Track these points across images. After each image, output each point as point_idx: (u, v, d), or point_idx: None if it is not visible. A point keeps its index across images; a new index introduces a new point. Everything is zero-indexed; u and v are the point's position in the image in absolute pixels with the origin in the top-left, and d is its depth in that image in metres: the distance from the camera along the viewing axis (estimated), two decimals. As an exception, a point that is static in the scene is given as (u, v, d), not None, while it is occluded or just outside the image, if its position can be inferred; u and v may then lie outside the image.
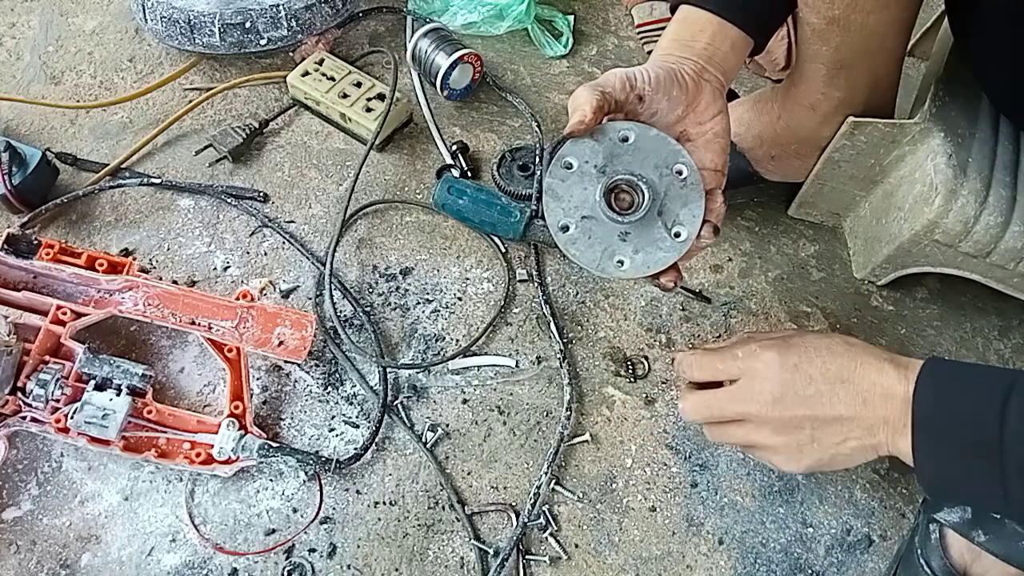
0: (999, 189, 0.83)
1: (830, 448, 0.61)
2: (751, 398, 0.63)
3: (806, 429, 0.62)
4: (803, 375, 0.61)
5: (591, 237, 0.58)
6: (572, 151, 0.58)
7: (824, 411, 0.61)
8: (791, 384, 0.62)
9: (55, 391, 0.78)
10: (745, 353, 0.65)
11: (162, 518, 0.80)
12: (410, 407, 0.88)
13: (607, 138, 0.58)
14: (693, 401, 0.69)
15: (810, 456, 0.62)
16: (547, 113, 1.13)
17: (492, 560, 0.80)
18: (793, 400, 0.61)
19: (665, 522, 0.84)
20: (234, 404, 0.82)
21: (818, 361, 0.62)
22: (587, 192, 0.57)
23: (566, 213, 0.57)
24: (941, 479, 0.57)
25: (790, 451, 0.63)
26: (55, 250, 0.86)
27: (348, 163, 1.06)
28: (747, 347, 0.65)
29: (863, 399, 0.60)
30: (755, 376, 0.63)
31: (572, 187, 0.58)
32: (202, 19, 1.03)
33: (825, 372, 0.61)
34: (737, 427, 0.66)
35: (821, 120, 0.90)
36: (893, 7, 0.79)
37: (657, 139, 0.59)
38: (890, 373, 0.59)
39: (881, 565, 0.83)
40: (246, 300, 0.87)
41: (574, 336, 0.94)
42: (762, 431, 0.64)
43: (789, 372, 0.62)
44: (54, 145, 1.04)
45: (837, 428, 0.61)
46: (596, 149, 0.58)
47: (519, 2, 1.14)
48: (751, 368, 0.64)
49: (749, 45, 0.72)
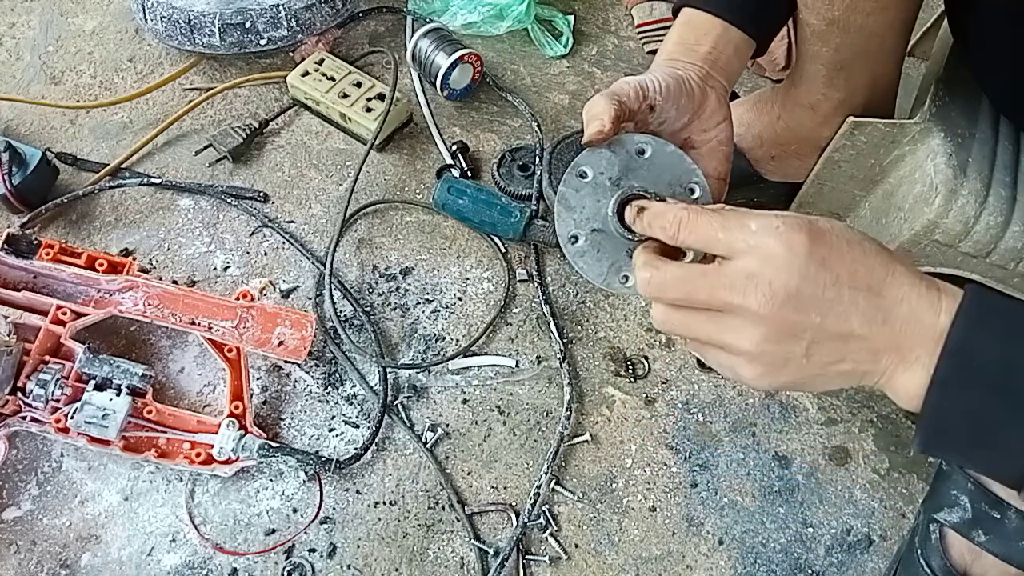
0: (999, 189, 0.83)
1: (819, 367, 0.50)
2: (752, 288, 0.48)
3: (805, 340, 0.49)
4: (830, 273, 0.48)
5: (600, 251, 0.58)
6: (588, 160, 0.57)
7: (836, 322, 0.48)
8: (813, 280, 0.48)
9: (55, 391, 0.78)
10: (761, 227, 0.49)
11: (162, 518, 0.80)
12: (410, 407, 0.88)
13: (624, 150, 0.58)
14: (666, 274, 0.52)
15: (791, 373, 0.51)
16: (547, 113, 1.13)
17: (492, 560, 0.80)
18: (808, 301, 0.48)
19: (665, 522, 0.84)
20: (234, 404, 0.82)
21: (849, 258, 0.49)
22: (600, 205, 0.57)
23: (577, 224, 0.57)
24: (952, 424, 0.47)
25: (771, 364, 0.50)
26: (55, 250, 0.86)
27: (348, 163, 1.06)
28: (766, 220, 0.49)
29: (883, 317, 0.48)
30: (769, 260, 0.48)
31: (585, 198, 0.57)
32: (202, 19, 1.03)
33: (853, 274, 0.48)
34: (712, 321, 0.51)
35: (821, 120, 0.90)
36: (892, 9, 0.79)
37: (673, 155, 0.59)
38: (923, 294, 0.48)
39: (881, 565, 0.83)
40: (246, 300, 0.87)
41: (574, 336, 0.94)
42: (748, 333, 0.49)
43: (815, 265, 0.48)
44: (54, 145, 1.04)
45: (840, 345, 0.49)
46: (612, 160, 0.57)
47: (519, 2, 1.14)
48: (766, 248, 0.48)
49: (752, 47, 0.72)
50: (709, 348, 0.53)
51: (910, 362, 0.48)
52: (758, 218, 0.49)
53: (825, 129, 0.91)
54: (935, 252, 0.89)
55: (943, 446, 0.49)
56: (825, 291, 0.48)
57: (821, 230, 0.49)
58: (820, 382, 0.51)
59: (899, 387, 0.49)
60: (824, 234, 0.49)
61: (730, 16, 0.69)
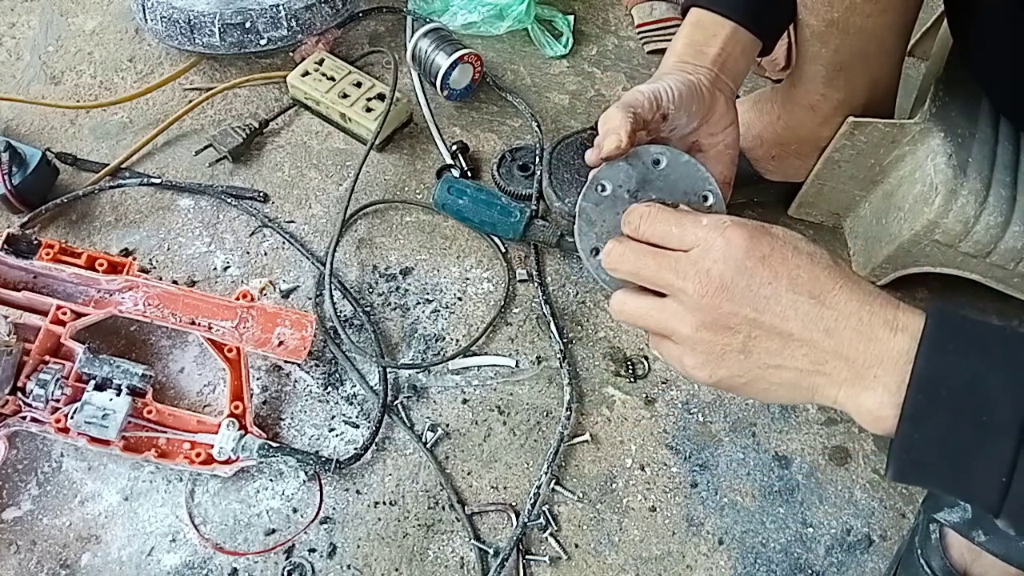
0: (999, 189, 0.83)
1: (757, 366, 0.50)
2: (692, 273, 0.51)
3: (740, 334, 0.50)
4: (768, 270, 0.49)
5: None
6: (606, 175, 0.58)
7: (772, 320, 0.49)
8: (748, 274, 0.49)
9: (55, 391, 0.78)
10: (711, 223, 0.52)
11: (162, 518, 0.80)
12: (410, 407, 0.88)
13: (640, 162, 0.58)
14: (625, 248, 0.56)
15: (729, 368, 0.51)
16: (547, 113, 1.13)
17: (492, 560, 0.80)
18: (742, 293, 0.49)
19: (665, 522, 0.84)
20: (234, 404, 0.82)
21: (793, 262, 0.50)
22: (619, 218, 0.58)
23: (599, 238, 0.58)
24: (925, 454, 0.46)
25: (709, 354, 0.51)
26: (55, 250, 0.86)
27: (348, 163, 1.06)
28: (716, 218, 0.52)
29: (827, 327, 0.48)
30: (710, 250, 0.51)
31: (605, 211, 0.58)
32: (202, 19, 1.03)
33: (794, 278, 0.49)
34: (657, 303, 0.54)
35: (821, 121, 0.90)
36: (891, 10, 0.79)
37: (688, 165, 0.60)
38: (876, 311, 0.48)
39: (881, 565, 0.83)
40: (246, 300, 0.87)
41: (574, 336, 0.94)
42: (686, 318, 0.51)
43: (753, 260, 0.49)
44: (54, 145, 1.04)
45: (778, 346, 0.49)
46: (629, 173, 0.58)
47: (519, 2, 1.14)
48: (709, 240, 0.51)
49: (758, 47, 0.72)
50: (659, 338, 0.55)
51: (868, 380, 0.47)
52: (710, 216, 0.53)
53: (825, 129, 0.91)
54: (935, 252, 0.89)
55: (917, 476, 0.48)
56: (761, 288, 0.49)
57: (767, 232, 0.51)
58: (762, 388, 0.51)
59: (860, 408, 0.48)
60: (769, 236, 0.51)
61: (739, 16, 0.69)
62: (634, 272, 0.55)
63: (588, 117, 1.12)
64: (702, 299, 0.50)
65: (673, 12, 1.23)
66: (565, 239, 0.97)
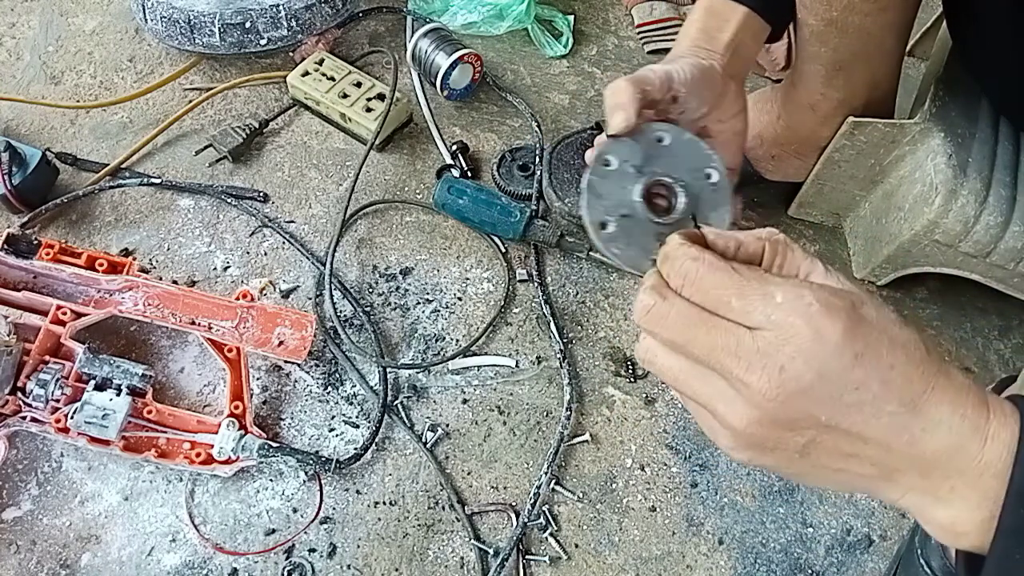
0: (999, 189, 0.83)
1: (813, 466, 0.43)
2: (760, 366, 0.40)
3: (804, 438, 0.41)
4: (859, 372, 0.39)
5: (629, 236, 0.58)
6: (611, 149, 0.58)
7: (849, 427, 0.40)
8: (836, 380, 0.39)
9: (55, 391, 0.78)
10: (789, 300, 0.40)
11: (162, 518, 0.80)
12: (410, 407, 0.88)
13: (644, 138, 0.59)
14: (671, 308, 0.43)
15: (777, 461, 0.43)
16: (547, 113, 1.13)
17: (492, 560, 0.80)
18: (823, 401, 0.40)
19: (665, 522, 0.84)
20: (234, 404, 0.82)
21: (887, 361, 0.40)
22: (625, 191, 0.57)
23: (606, 211, 0.56)
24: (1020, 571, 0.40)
25: (758, 446, 0.42)
26: (55, 250, 0.86)
27: (348, 163, 1.06)
28: (796, 292, 0.40)
29: (910, 438, 0.40)
30: (790, 342, 0.39)
31: (611, 185, 0.57)
32: (202, 19, 1.03)
33: (886, 382, 0.40)
34: (704, 380, 0.43)
35: (821, 120, 0.90)
36: (890, 10, 0.79)
37: (690, 143, 0.60)
38: (968, 416, 0.40)
39: (881, 565, 0.83)
40: (246, 300, 0.87)
41: (574, 336, 0.94)
42: (739, 411, 0.41)
43: (844, 361, 0.39)
44: (54, 145, 1.04)
45: (847, 451, 0.41)
46: (634, 148, 0.58)
47: (519, 2, 1.14)
48: (788, 327, 0.39)
49: (767, 34, 0.72)
50: (691, 402, 0.45)
51: (942, 492, 0.41)
52: (786, 288, 0.40)
53: (825, 129, 0.91)
54: (935, 252, 0.89)
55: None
56: (845, 394, 0.40)
57: (862, 320, 0.40)
58: (813, 479, 0.44)
59: (929, 518, 0.42)
60: (865, 326, 0.40)
61: (752, 2, 0.69)
62: (681, 344, 0.43)
63: (588, 117, 1.12)
64: (768, 401, 0.40)
65: (673, 12, 1.23)
66: (565, 239, 0.97)
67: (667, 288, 0.44)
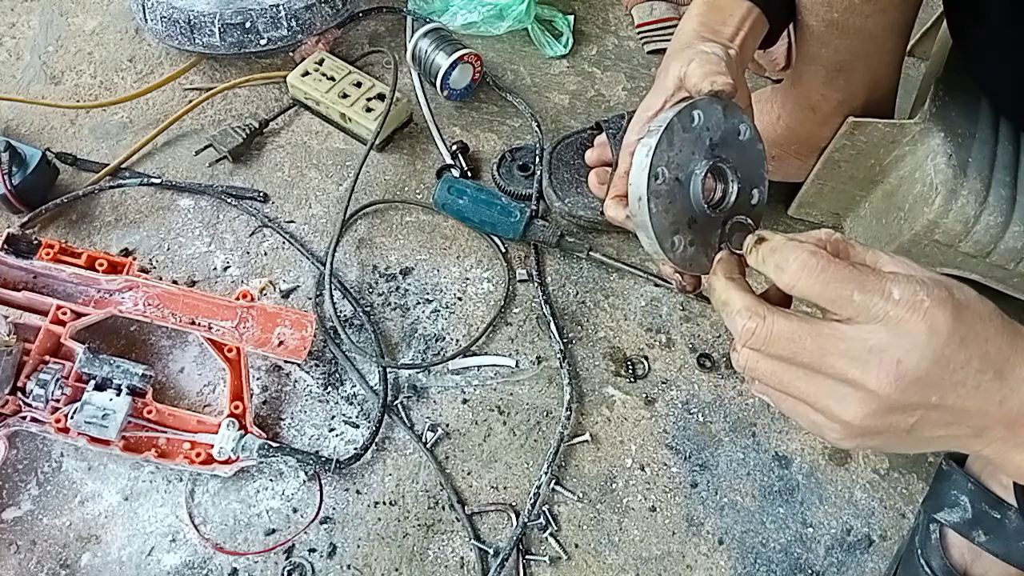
0: (999, 189, 0.83)
1: (915, 438, 0.46)
2: (878, 364, 0.43)
3: (914, 417, 0.44)
4: (963, 352, 0.43)
5: (671, 202, 0.53)
6: (704, 108, 0.53)
7: (955, 401, 0.44)
8: (946, 363, 0.43)
9: (55, 391, 0.78)
10: (906, 298, 0.43)
11: (162, 518, 0.80)
12: (410, 407, 0.88)
13: (730, 121, 0.55)
14: (774, 327, 0.45)
15: (885, 440, 0.46)
16: (547, 113, 1.13)
17: (492, 560, 0.80)
18: (935, 384, 0.43)
19: (665, 522, 0.84)
20: (234, 404, 0.82)
21: (982, 337, 0.44)
22: (693, 158, 0.53)
23: (668, 163, 0.52)
24: None
25: (869, 433, 0.45)
26: (55, 250, 0.86)
27: (348, 163, 1.06)
28: (910, 289, 0.43)
29: (1001, 398, 0.44)
30: (905, 337, 0.42)
31: (685, 143, 0.52)
32: (202, 19, 1.03)
33: (984, 355, 0.44)
34: (814, 382, 0.45)
35: (821, 121, 0.90)
36: (891, 11, 0.79)
37: (759, 152, 0.56)
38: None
39: (881, 565, 0.83)
40: (246, 300, 0.87)
41: (574, 336, 0.94)
42: (857, 408, 0.44)
43: (953, 347, 0.43)
44: (54, 145, 1.04)
45: (948, 420, 0.45)
46: (720, 123, 0.54)
47: (519, 2, 1.14)
48: (906, 325, 0.42)
49: (765, 32, 0.72)
50: (795, 402, 0.47)
51: (1021, 438, 0.45)
52: (901, 285, 0.43)
53: (825, 130, 0.91)
54: (935, 252, 0.89)
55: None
56: (953, 374, 0.43)
57: (961, 305, 0.44)
58: (909, 448, 0.48)
59: (1010, 463, 0.46)
60: (965, 311, 0.44)
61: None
62: (789, 357, 0.45)
63: (588, 117, 1.12)
64: (886, 395, 0.43)
65: (673, 12, 1.23)
66: (565, 239, 0.97)
67: (762, 305, 0.47)
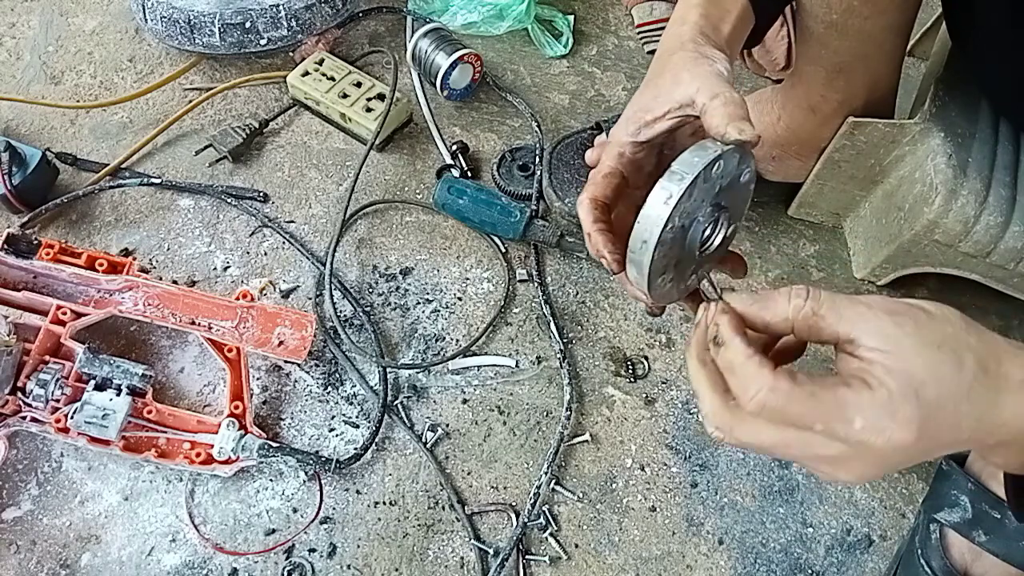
0: (999, 189, 0.83)
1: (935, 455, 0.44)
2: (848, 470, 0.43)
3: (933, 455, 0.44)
4: (935, 450, 0.43)
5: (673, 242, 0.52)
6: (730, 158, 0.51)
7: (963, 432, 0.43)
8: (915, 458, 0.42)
9: (55, 391, 0.78)
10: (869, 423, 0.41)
11: (162, 518, 0.80)
12: (410, 407, 0.88)
13: (744, 168, 0.53)
14: (738, 431, 0.44)
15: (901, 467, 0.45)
16: (547, 113, 1.13)
17: (492, 560, 0.80)
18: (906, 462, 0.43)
19: (665, 522, 0.84)
20: (234, 404, 0.82)
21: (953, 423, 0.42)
22: (702, 206, 0.52)
23: (680, 208, 0.49)
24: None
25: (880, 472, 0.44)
26: (55, 250, 0.86)
27: (348, 163, 1.06)
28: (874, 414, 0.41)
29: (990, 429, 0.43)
30: (867, 456, 0.42)
31: (702, 191, 0.50)
32: (202, 19, 1.03)
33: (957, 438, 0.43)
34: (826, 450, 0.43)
35: (821, 122, 0.90)
36: (890, 12, 0.79)
37: (749, 192, 0.55)
38: None
39: (881, 565, 0.83)
40: (246, 300, 0.87)
41: (574, 336, 0.94)
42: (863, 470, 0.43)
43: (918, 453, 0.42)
44: (54, 145, 1.03)
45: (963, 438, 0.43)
46: (732, 170, 0.52)
47: (519, 2, 1.14)
48: (867, 447, 0.41)
49: (750, 28, 0.70)
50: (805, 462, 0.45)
51: None
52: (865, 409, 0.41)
53: (825, 131, 0.91)
54: (935, 252, 0.89)
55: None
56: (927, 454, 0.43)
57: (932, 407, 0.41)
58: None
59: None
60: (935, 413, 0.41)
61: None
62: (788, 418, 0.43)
63: (588, 117, 1.12)
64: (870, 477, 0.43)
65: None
66: (565, 239, 0.97)
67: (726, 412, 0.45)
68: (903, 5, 0.80)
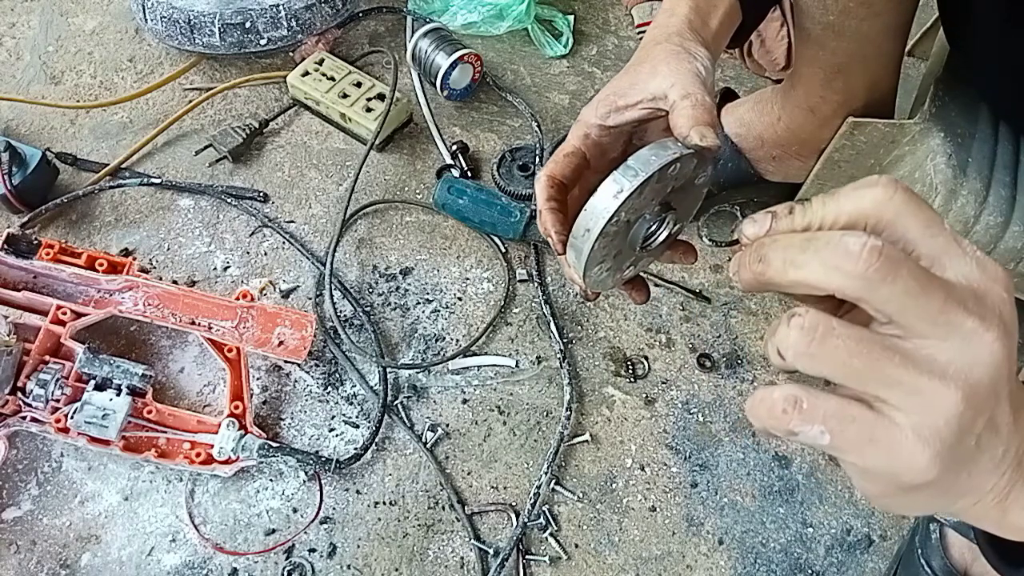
0: (999, 189, 0.83)
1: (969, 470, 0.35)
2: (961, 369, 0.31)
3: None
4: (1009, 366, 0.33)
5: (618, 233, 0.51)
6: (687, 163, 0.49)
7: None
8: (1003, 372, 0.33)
9: (55, 391, 0.78)
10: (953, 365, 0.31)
11: (162, 518, 0.80)
12: (410, 407, 0.88)
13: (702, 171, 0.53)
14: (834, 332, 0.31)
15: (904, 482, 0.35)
16: (547, 113, 1.13)
17: (492, 560, 0.80)
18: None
19: (665, 522, 0.84)
20: (234, 404, 0.82)
21: None
22: (652, 204, 0.51)
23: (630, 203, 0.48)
24: None
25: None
26: (55, 250, 0.86)
27: (348, 163, 1.06)
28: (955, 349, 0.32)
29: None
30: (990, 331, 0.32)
31: (656, 186, 0.49)
32: (202, 19, 1.03)
33: None
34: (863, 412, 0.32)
35: (821, 123, 0.90)
36: (885, 14, 0.79)
37: (700, 197, 0.55)
38: None
39: (881, 565, 0.83)
40: (246, 300, 0.87)
41: (574, 336, 0.94)
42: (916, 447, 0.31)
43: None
44: (54, 145, 1.03)
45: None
46: (687, 172, 0.51)
47: (519, 2, 1.14)
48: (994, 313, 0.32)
49: (736, 26, 0.70)
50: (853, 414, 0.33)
51: None
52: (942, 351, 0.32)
53: (825, 131, 0.91)
54: (935, 252, 0.89)
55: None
56: None
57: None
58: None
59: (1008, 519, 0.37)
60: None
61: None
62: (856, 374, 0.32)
63: (588, 117, 1.12)
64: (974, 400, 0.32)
65: (673, 12, 1.22)
66: (565, 239, 0.97)
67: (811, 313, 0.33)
68: (899, 7, 0.80)
